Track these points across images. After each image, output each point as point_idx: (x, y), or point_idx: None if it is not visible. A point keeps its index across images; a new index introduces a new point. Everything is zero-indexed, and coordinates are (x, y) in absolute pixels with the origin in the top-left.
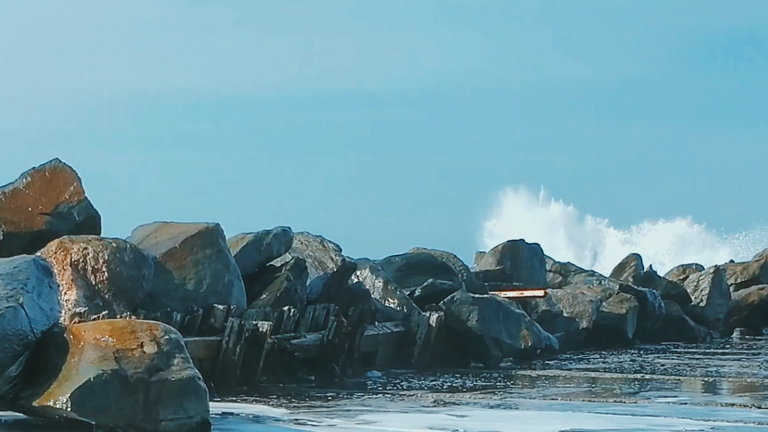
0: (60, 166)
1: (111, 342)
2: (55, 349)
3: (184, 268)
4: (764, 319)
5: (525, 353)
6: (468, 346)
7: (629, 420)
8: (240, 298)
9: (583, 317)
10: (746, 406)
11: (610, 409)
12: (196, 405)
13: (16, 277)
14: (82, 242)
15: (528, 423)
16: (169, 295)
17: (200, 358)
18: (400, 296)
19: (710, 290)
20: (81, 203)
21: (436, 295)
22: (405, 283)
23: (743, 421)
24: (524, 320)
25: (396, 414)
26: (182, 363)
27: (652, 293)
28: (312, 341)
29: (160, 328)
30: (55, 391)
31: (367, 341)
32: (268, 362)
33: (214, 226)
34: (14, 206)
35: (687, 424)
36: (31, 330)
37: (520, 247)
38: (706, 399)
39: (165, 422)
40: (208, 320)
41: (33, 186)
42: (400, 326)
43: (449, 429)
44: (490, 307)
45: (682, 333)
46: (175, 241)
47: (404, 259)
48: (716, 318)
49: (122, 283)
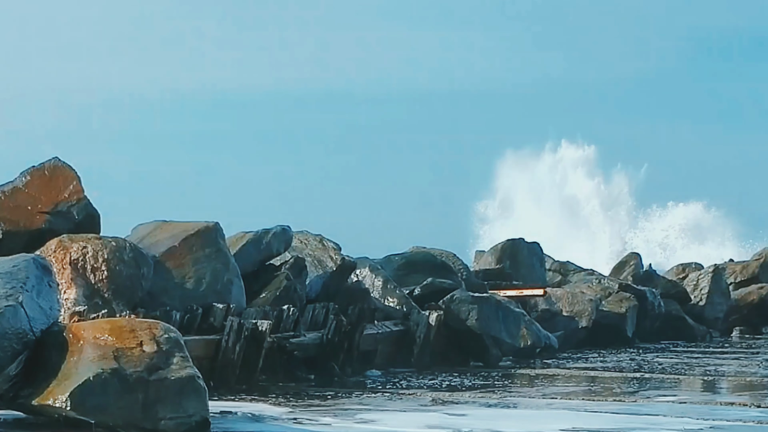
0: (59, 164)
1: (110, 341)
2: (55, 348)
3: (183, 267)
4: (764, 318)
5: (524, 352)
6: (467, 345)
7: (628, 419)
8: (239, 297)
9: (582, 316)
10: (745, 404)
11: (610, 408)
12: (196, 404)
13: (15, 276)
14: (81, 241)
15: (527, 422)
16: (168, 294)
17: (199, 356)
18: (400, 295)
19: (710, 289)
20: (80, 202)
21: (435, 294)
22: (404, 282)
23: (742, 420)
24: (524, 319)
25: (395, 413)
26: (181, 362)
27: (652, 292)
28: (311, 340)
29: (160, 327)
30: (54, 389)
31: (367, 340)
32: (268, 361)
33: (214, 224)
34: (14, 205)
35: (686, 423)
36: (31, 329)
37: (520, 246)
38: (706, 398)
39: (164, 421)
40: (207, 319)
41: (32, 185)
42: (400, 325)
43: (448, 428)
44: (489, 306)
45: (682, 332)
46: (175, 239)
47: (404, 257)
48: (716, 317)
49: (122, 281)
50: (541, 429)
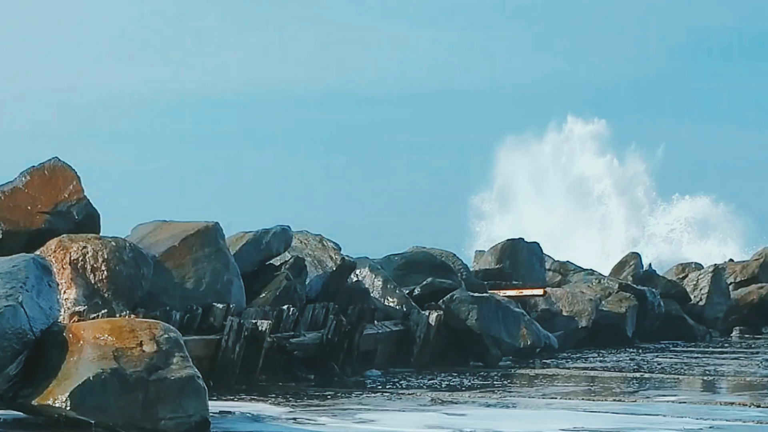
0: (59, 164)
1: (110, 341)
2: (55, 348)
3: (183, 267)
4: (764, 318)
5: (524, 352)
6: (467, 344)
7: (628, 419)
8: (239, 296)
9: (582, 316)
10: (745, 404)
11: (609, 408)
12: (195, 404)
13: (15, 276)
14: (81, 241)
15: (527, 422)
16: (168, 294)
17: (199, 356)
18: (400, 295)
19: (709, 289)
20: (80, 202)
21: (435, 293)
22: (404, 282)
23: (742, 420)
24: (523, 319)
25: (395, 413)
26: (181, 362)
27: (652, 292)
28: (311, 340)
29: (160, 327)
30: (54, 389)
31: (367, 340)
32: (267, 361)
33: (214, 224)
34: (13, 205)
35: (686, 422)
36: (31, 329)
37: (520, 246)
38: (705, 398)
39: (164, 421)
40: (207, 319)
41: (32, 185)
42: (400, 325)
43: (448, 428)
44: (489, 306)
45: (682, 332)
46: (175, 239)
47: (403, 257)
48: (715, 317)
49: (121, 281)
50: (541, 429)
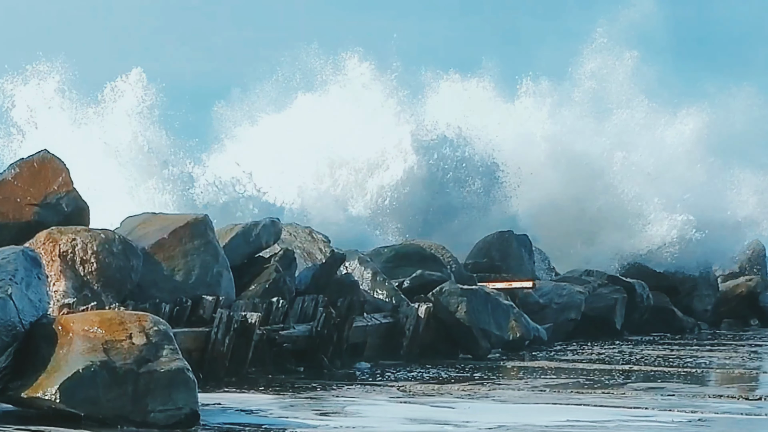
0: (48, 157)
1: (100, 333)
2: (44, 340)
3: (172, 259)
4: (752, 310)
5: (513, 344)
6: (456, 337)
7: (617, 411)
8: (229, 289)
9: (571, 308)
10: (734, 397)
11: (598, 400)
12: (185, 396)
13: (4, 268)
14: (70, 233)
15: (516, 414)
16: (157, 286)
17: (189, 349)
18: (389, 287)
19: (698, 282)
20: (69, 194)
21: (424, 286)
22: (394, 275)
23: (731, 413)
24: (513, 311)
25: (384, 405)
26: (171, 354)
27: (641, 284)
28: (301, 332)
29: (149, 320)
30: (43, 382)
31: (356, 332)
32: (257, 353)
33: (203, 217)
34: (2, 197)
35: (675, 415)
36: (20, 321)
37: (509, 238)
38: (694, 390)
39: (154, 413)
40: (196, 311)
41: (21, 177)
42: (389, 317)
43: (436, 420)
44: (478, 298)
45: (670, 324)
46: (164, 232)
47: (393, 250)
48: (704, 309)
49: (111, 274)
50: (530, 421)
